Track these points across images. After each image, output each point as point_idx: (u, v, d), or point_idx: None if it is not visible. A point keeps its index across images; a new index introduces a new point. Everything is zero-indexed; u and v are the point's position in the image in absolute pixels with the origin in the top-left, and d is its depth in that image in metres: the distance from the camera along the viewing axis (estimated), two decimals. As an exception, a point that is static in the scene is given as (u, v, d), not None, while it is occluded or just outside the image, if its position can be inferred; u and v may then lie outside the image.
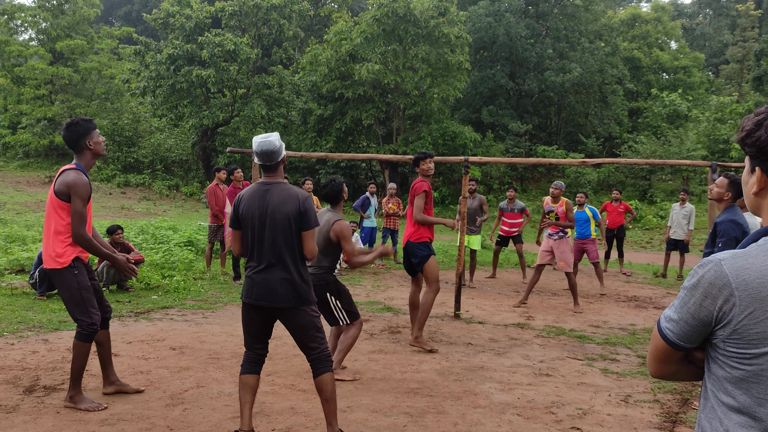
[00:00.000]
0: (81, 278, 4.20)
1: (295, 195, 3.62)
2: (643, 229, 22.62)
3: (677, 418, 4.52)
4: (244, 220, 3.66)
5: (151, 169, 29.12)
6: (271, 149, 3.64)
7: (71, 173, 4.15)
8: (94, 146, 4.28)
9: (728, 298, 1.33)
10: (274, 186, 3.66)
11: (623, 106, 34.11)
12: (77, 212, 4.09)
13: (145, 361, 5.42)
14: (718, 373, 1.39)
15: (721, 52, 44.74)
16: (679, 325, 1.43)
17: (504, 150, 29.26)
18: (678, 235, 12.09)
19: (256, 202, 3.64)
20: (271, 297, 3.58)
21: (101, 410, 4.21)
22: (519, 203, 11.35)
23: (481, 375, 5.40)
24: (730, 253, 1.36)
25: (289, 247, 3.60)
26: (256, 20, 27.66)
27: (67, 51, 30.75)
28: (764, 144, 1.39)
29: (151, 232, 13.02)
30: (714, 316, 1.36)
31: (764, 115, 1.41)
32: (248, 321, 3.74)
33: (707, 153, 25.56)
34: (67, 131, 4.27)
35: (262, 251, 3.61)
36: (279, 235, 3.58)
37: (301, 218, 3.60)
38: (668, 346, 1.47)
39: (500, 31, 30.19)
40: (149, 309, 7.61)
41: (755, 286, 1.30)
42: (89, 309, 4.22)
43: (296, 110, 28.49)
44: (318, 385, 3.72)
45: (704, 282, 1.37)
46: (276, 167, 3.71)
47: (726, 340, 1.35)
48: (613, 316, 8.41)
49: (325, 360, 3.70)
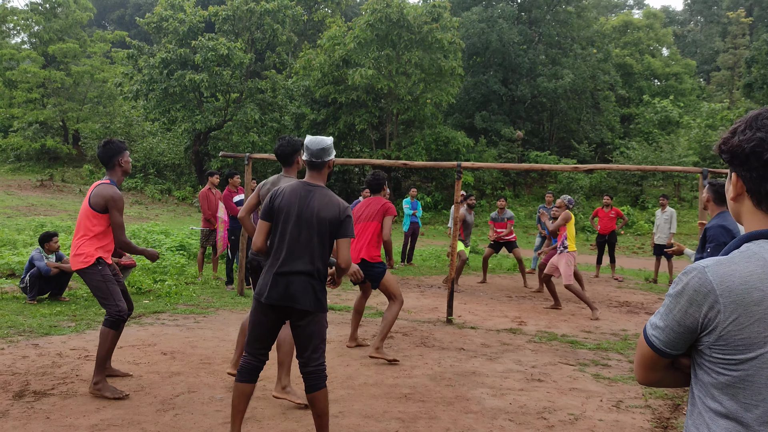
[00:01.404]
0: (105, 272, 4.66)
1: (336, 203, 3.62)
2: (634, 235, 22.71)
3: (668, 423, 4.53)
4: (280, 214, 3.61)
5: (144, 173, 29.03)
6: (323, 146, 3.69)
7: (108, 188, 4.65)
8: (124, 165, 4.86)
9: (713, 305, 1.34)
10: (318, 189, 3.65)
11: (615, 112, 34.30)
12: (118, 223, 4.63)
13: (136, 366, 5.40)
14: (704, 379, 1.40)
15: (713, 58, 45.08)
16: (664, 333, 1.44)
17: (497, 155, 29.35)
18: (662, 240, 12.17)
19: (297, 199, 3.60)
20: (294, 298, 3.51)
21: (123, 398, 4.50)
22: (508, 212, 11.85)
23: (473, 380, 5.40)
24: (713, 260, 1.38)
25: (321, 252, 3.57)
26: (249, 25, 27.66)
27: (59, 54, 30.66)
28: (736, 149, 1.42)
29: (143, 237, 12.97)
30: (699, 323, 1.37)
31: (739, 124, 1.44)
32: (258, 321, 3.64)
33: (698, 159, 25.72)
34: (103, 149, 4.79)
35: (294, 250, 3.54)
36: (315, 237, 3.55)
37: (340, 226, 3.59)
38: (654, 353, 1.48)
39: (493, 37, 30.32)
40: (141, 314, 7.58)
41: (739, 293, 1.32)
42: (116, 298, 4.66)
43: (289, 115, 28.48)
44: (311, 400, 3.63)
45: (689, 289, 1.38)
46: (322, 167, 3.72)
47: (711, 346, 1.36)
48: (605, 322, 8.43)
49: (321, 374, 3.62)
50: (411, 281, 11.59)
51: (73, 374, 5.07)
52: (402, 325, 7.63)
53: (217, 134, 27.57)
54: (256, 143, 26.79)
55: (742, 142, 1.41)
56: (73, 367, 5.28)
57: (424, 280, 11.76)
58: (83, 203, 4.71)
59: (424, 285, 11.18)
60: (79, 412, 4.25)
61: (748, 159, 1.40)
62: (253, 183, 9.42)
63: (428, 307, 9.02)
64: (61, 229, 14.14)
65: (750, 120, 1.42)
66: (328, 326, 4.00)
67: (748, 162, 1.41)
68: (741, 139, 1.41)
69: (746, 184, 1.43)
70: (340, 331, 7.05)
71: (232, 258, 9.80)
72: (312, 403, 3.63)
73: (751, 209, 1.44)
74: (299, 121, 28.33)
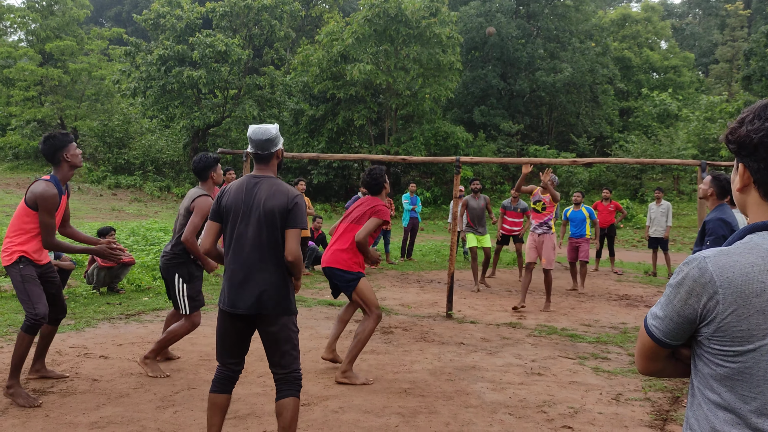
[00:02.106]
0: (25, 272, 4.39)
1: (285, 190, 3.30)
2: (634, 228, 22.72)
3: (668, 416, 4.54)
4: (226, 213, 3.35)
5: (142, 171, 29.00)
6: (267, 137, 3.36)
7: (41, 185, 4.37)
8: (71, 158, 4.46)
9: (712, 296, 1.33)
10: (265, 179, 3.36)
11: (614, 106, 34.26)
12: (44, 223, 4.35)
13: (135, 363, 5.39)
14: (703, 370, 1.40)
15: (711, 51, 45.03)
16: (664, 323, 1.44)
17: (496, 150, 29.33)
18: (657, 233, 12.20)
19: (242, 194, 3.32)
20: (252, 303, 3.22)
21: (36, 406, 4.24)
22: (522, 203, 11.40)
23: (473, 375, 5.40)
24: (715, 251, 1.37)
25: (273, 247, 3.26)
26: (247, 21, 27.60)
27: (56, 52, 30.59)
28: (744, 139, 1.41)
29: (143, 234, 12.95)
30: (698, 314, 1.37)
31: (747, 114, 1.43)
32: (224, 331, 3.35)
33: (697, 152, 25.71)
34: (44, 144, 4.45)
35: (244, 249, 3.27)
36: (264, 231, 3.24)
37: (288, 214, 3.26)
38: (654, 344, 1.48)
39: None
40: (140, 311, 7.57)
41: (739, 284, 1.31)
42: (34, 301, 4.37)
43: (288, 111, 28.44)
44: (279, 408, 3.28)
45: (689, 280, 1.38)
46: (269, 158, 3.41)
47: (710, 337, 1.36)
48: (605, 315, 8.44)
49: (294, 382, 3.32)
50: (411, 276, 11.58)
51: (73, 372, 5.07)
52: (402, 320, 7.63)
53: (215, 131, 27.54)
54: (254, 139, 26.71)
55: (750, 132, 1.39)
56: (72, 364, 5.27)
57: (424, 275, 11.76)
58: (22, 199, 4.51)
59: (423, 280, 11.18)
60: (79, 410, 4.25)
61: (757, 149, 1.39)
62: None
63: (428, 301, 9.02)
64: (60, 227, 14.11)
65: (759, 110, 1.41)
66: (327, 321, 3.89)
67: (756, 152, 1.39)
68: (749, 129, 1.40)
69: (754, 175, 1.42)
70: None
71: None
72: (278, 412, 3.29)
73: (758, 200, 1.43)
74: (298, 117, 28.30)
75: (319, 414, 4.32)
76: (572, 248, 10.45)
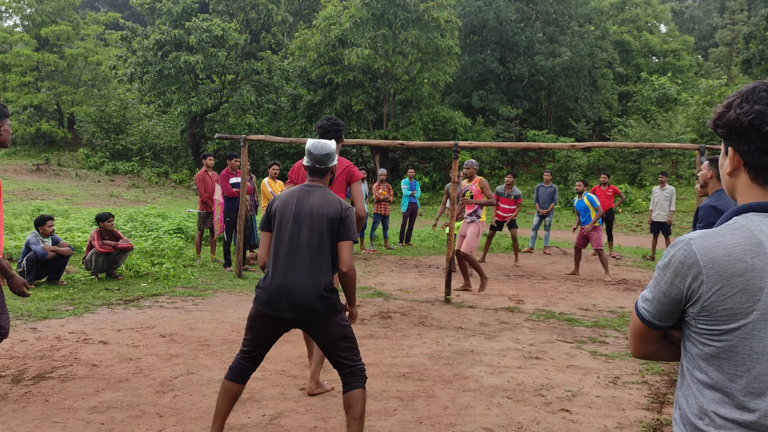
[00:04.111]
0: None
1: (338, 200, 3.35)
2: (632, 213, 22.73)
3: (665, 398, 4.56)
4: (275, 218, 3.36)
5: (140, 157, 28.92)
6: (326, 151, 3.41)
7: None
8: (3, 134, 3.84)
9: (696, 276, 1.36)
10: (318, 189, 3.39)
11: (613, 90, 34.12)
12: None
13: (134, 348, 5.41)
14: (691, 350, 1.42)
15: (710, 35, 44.81)
16: (653, 304, 1.46)
17: (494, 135, 29.24)
18: (660, 218, 12.21)
19: (294, 200, 3.34)
20: (299, 309, 3.20)
21: None
22: (516, 190, 11.55)
23: (471, 359, 5.42)
24: (700, 233, 1.39)
25: (323, 252, 3.27)
26: (244, 5, 27.37)
27: (52, 37, 30.38)
28: (734, 123, 1.41)
29: (141, 220, 12.95)
30: (684, 294, 1.39)
31: (734, 98, 1.43)
32: (262, 330, 3.34)
33: (696, 136, 25.64)
34: None
35: (295, 254, 3.26)
36: (315, 236, 3.26)
37: (341, 225, 3.29)
38: (644, 326, 1.50)
39: (490, 15, 30.05)
40: (139, 296, 7.59)
41: (722, 264, 1.33)
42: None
43: (286, 96, 28.30)
44: (347, 401, 3.28)
45: (674, 261, 1.40)
46: (325, 173, 3.46)
47: (696, 317, 1.38)
48: (603, 299, 8.46)
49: (360, 374, 3.32)
50: (409, 261, 11.60)
51: (72, 357, 5.09)
52: (400, 305, 7.65)
53: (213, 116, 27.43)
54: (252, 125, 26.66)
55: (740, 115, 1.40)
56: (71, 350, 5.29)
57: (423, 260, 11.78)
58: None
59: (422, 265, 11.20)
60: (78, 395, 4.27)
61: (747, 132, 1.39)
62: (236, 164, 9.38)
63: (426, 286, 9.04)
64: (58, 213, 14.11)
65: (746, 93, 1.41)
66: None
67: (746, 135, 1.40)
68: (738, 112, 1.40)
69: (744, 158, 1.43)
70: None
71: (228, 240, 9.80)
72: (348, 405, 3.29)
73: (747, 183, 1.44)
74: (295, 102, 28.17)
75: (318, 398, 4.34)
76: (581, 236, 10.37)
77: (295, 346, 5.58)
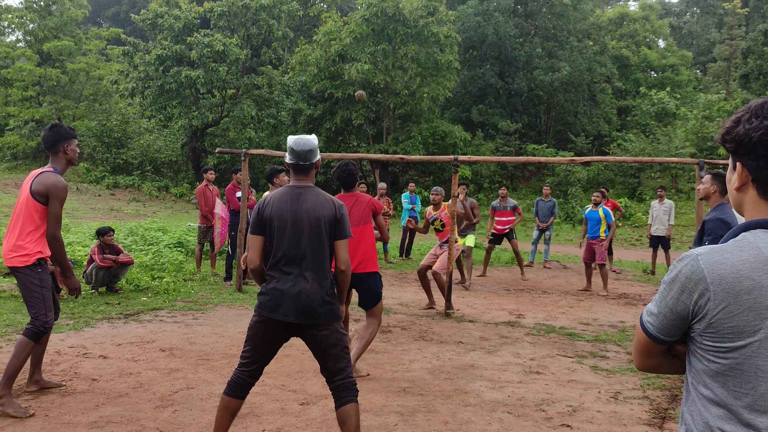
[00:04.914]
0: (44, 276, 4.27)
1: (330, 200, 3.37)
2: (632, 227, 22.74)
3: (666, 414, 4.55)
4: (271, 224, 3.32)
5: (141, 171, 28.97)
6: (309, 147, 3.41)
7: (50, 175, 4.22)
8: (70, 153, 4.36)
9: (703, 293, 1.35)
10: (308, 189, 3.39)
11: (612, 105, 34.27)
12: (54, 214, 4.17)
13: (134, 363, 5.40)
14: (697, 366, 1.41)
15: (709, 50, 45.05)
16: (658, 319, 1.46)
17: (494, 149, 29.32)
18: (660, 232, 12.20)
19: (287, 205, 3.32)
20: (303, 313, 3.22)
21: (28, 417, 4.07)
22: (511, 201, 11.53)
23: (472, 373, 5.41)
24: (707, 249, 1.38)
25: (323, 256, 3.30)
26: (245, 20, 27.57)
27: (54, 52, 30.56)
28: (743, 138, 1.41)
29: (141, 234, 12.96)
30: (690, 310, 1.38)
31: (743, 113, 1.44)
32: (262, 337, 3.31)
33: (695, 151, 25.72)
34: (50, 131, 4.33)
35: (294, 259, 3.27)
36: (314, 240, 3.28)
37: (337, 225, 3.33)
38: (649, 340, 1.49)
39: (489, 30, 30.26)
40: (139, 311, 7.58)
41: (730, 281, 1.32)
42: (48, 308, 4.28)
43: (286, 110, 28.42)
44: (341, 416, 3.26)
45: (681, 276, 1.39)
46: (309, 169, 3.45)
47: (702, 333, 1.37)
48: (603, 314, 8.45)
49: (352, 388, 3.30)
50: (409, 275, 11.59)
51: (72, 372, 5.07)
52: (400, 320, 7.64)
53: (213, 131, 27.51)
54: (253, 139, 26.73)
55: (749, 130, 1.40)
56: (71, 364, 5.28)
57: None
58: (22, 194, 4.28)
59: (422, 279, 11.18)
60: (78, 410, 4.25)
61: (756, 148, 1.39)
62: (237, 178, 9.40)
63: (426, 300, 9.02)
64: (59, 227, 14.09)
65: (756, 108, 1.41)
66: None
67: (755, 151, 1.40)
68: (747, 127, 1.40)
69: (752, 173, 1.43)
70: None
71: (233, 254, 9.80)
72: (342, 420, 3.26)
73: (755, 199, 1.44)
74: (296, 116, 28.28)
75: (318, 413, 4.33)
76: (588, 249, 10.25)
77: (295, 361, 5.57)
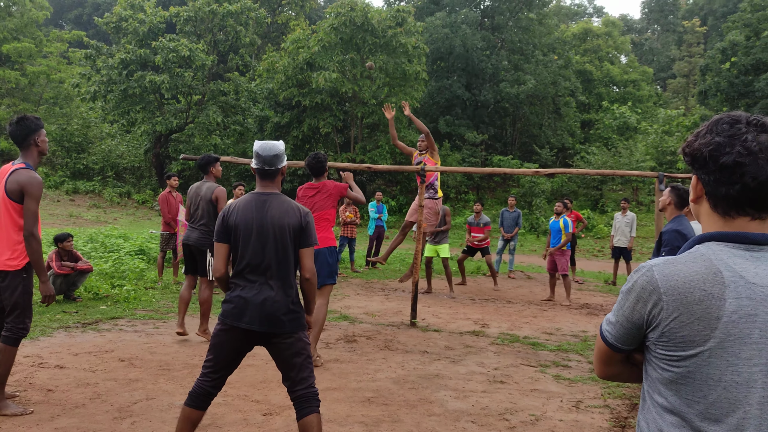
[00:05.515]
0: (28, 282, 4.20)
1: (296, 208, 3.33)
2: (594, 238, 23.14)
3: (626, 422, 4.61)
4: (236, 232, 3.30)
5: (102, 176, 28.41)
6: (275, 152, 3.37)
7: (23, 172, 4.08)
8: (41, 144, 4.25)
9: (657, 303, 1.39)
10: (273, 197, 3.36)
11: (576, 118, 34.95)
12: (31, 211, 4.06)
13: (92, 373, 5.26)
14: (652, 374, 1.45)
15: (669, 66, 46.36)
16: (616, 328, 1.50)
17: (460, 159, 29.59)
18: (621, 243, 12.42)
19: (252, 213, 3.29)
20: (268, 321, 3.20)
21: (27, 414, 4.12)
22: (485, 218, 11.83)
23: (437, 383, 5.41)
24: (662, 260, 1.43)
25: (288, 265, 3.29)
26: (212, 26, 27.37)
27: (14, 54, 29.87)
28: (696, 152, 1.46)
29: (101, 241, 12.68)
30: (645, 319, 1.42)
31: (702, 129, 1.48)
32: (225, 346, 3.28)
33: (655, 164, 26.36)
34: (17, 126, 4.18)
35: (259, 267, 3.26)
36: (279, 249, 3.26)
37: (302, 233, 3.32)
38: (608, 348, 1.54)
39: (457, 42, 30.60)
40: (98, 319, 7.39)
41: (682, 292, 1.36)
42: (29, 314, 4.24)
43: (253, 118, 28.24)
44: (303, 427, 3.22)
45: (637, 287, 1.43)
46: (275, 174, 3.41)
47: (656, 342, 1.41)
48: (566, 324, 8.55)
49: (313, 397, 3.27)
50: (375, 284, 11.58)
51: (26, 382, 4.91)
52: (366, 329, 7.61)
53: (178, 137, 27.19)
54: (218, 146, 26.49)
55: (701, 146, 1.44)
56: (26, 374, 5.11)
57: (389, 284, 11.77)
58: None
59: (388, 288, 11.19)
60: (32, 422, 4.12)
61: (707, 162, 1.43)
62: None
63: (392, 310, 9.02)
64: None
65: (711, 125, 1.46)
66: None
67: (706, 165, 1.44)
68: (701, 142, 1.45)
69: (705, 187, 1.47)
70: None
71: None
72: (304, 431, 3.23)
73: (708, 211, 1.48)
74: (263, 123, 28.13)
75: (281, 423, 4.28)
76: (551, 259, 10.37)
77: (259, 371, 5.50)
